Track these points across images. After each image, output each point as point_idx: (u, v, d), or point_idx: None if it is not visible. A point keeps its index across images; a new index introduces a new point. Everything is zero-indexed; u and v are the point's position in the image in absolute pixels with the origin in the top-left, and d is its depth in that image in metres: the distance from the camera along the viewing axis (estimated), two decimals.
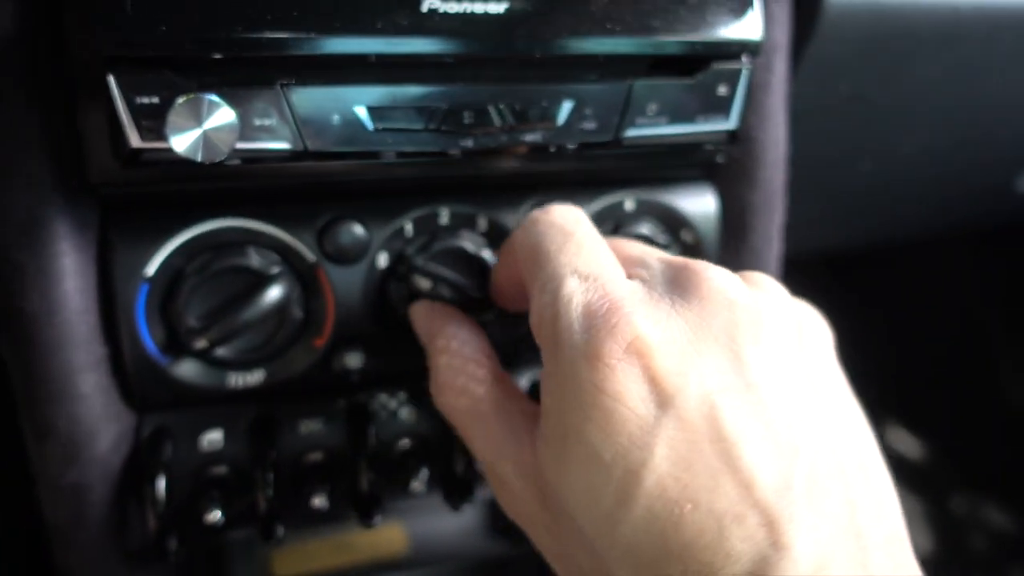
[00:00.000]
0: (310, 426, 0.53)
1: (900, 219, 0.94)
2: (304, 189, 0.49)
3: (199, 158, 0.39)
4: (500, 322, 0.54)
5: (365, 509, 0.52)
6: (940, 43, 0.61)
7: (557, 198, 0.53)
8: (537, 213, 0.42)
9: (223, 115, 0.40)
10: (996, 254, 1.26)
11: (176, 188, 0.46)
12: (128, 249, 0.46)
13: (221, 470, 0.51)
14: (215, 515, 0.49)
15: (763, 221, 0.57)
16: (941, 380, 1.47)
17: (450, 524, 0.99)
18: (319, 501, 0.51)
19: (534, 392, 0.56)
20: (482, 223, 0.52)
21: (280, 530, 0.50)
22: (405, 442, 0.55)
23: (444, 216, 0.51)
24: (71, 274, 0.45)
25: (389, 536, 0.98)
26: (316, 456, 0.53)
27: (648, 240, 0.55)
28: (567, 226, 0.40)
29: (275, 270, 0.48)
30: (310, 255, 0.49)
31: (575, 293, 0.36)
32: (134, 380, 0.48)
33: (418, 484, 0.52)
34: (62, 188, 0.44)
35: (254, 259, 0.48)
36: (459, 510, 0.55)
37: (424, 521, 0.99)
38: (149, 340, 0.48)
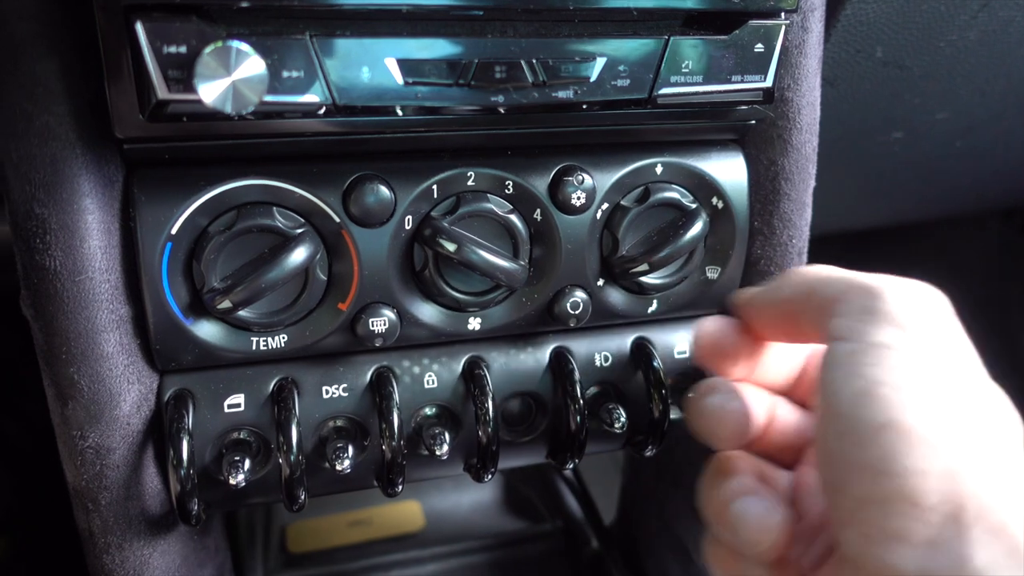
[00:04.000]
0: (333, 391, 0.52)
1: (931, 195, 0.92)
2: (330, 149, 0.48)
3: (228, 109, 0.38)
4: (531, 289, 0.53)
5: (388, 477, 0.51)
6: (977, 7, 0.59)
7: (586, 162, 0.52)
8: None
9: (252, 65, 0.39)
10: (1020, 230, 1.24)
11: (202, 145, 0.45)
12: (152, 206, 0.45)
13: (244, 434, 0.51)
14: (238, 478, 0.48)
15: (796, 187, 0.56)
16: None
17: (466, 501, 0.99)
18: (341, 467, 0.50)
19: (552, 360, 0.55)
20: (509, 186, 0.51)
21: (303, 495, 0.49)
22: (429, 409, 0.54)
23: (471, 179, 0.50)
24: (95, 231, 0.44)
25: (406, 512, 0.98)
26: (339, 422, 0.53)
27: (677, 205, 0.53)
28: None
29: (300, 231, 0.47)
30: (335, 216, 0.48)
31: None
32: (157, 340, 0.47)
33: (441, 452, 0.51)
34: (86, 143, 0.43)
35: (279, 219, 0.47)
36: (482, 481, 0.54)
37: (441, 498, 0.99)
38: (172, 300, 0.47)
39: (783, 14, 0.47)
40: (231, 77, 0.38)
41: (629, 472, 0.81)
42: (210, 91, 0.38)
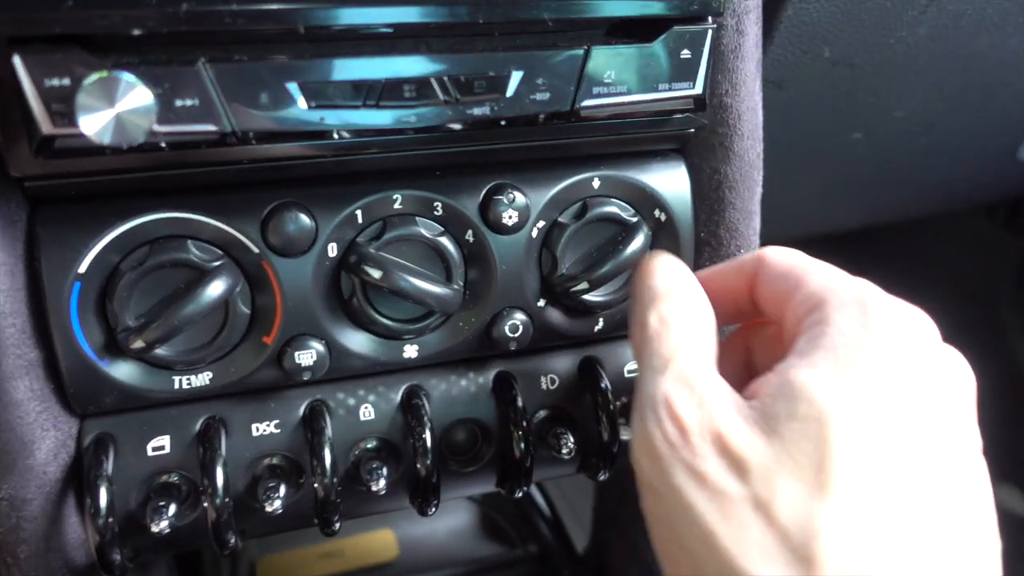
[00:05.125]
0: (264, 428, 0.50)
1: (900, 195, 0.90)
2: (245, 177, 0.46)
3: (108, 141, 0.36)
4: (467, 313, 0.51)
5: (323, 516, 0.49)
6: (926, 2, 0.57)
7: (518, 179, 0.50)
8: None
9: (139, 96, 0.37)
10: (1003, 226, 1.22)
11: (108, 180, 0.43)
12: (57, 245, 0.44)
13: (171, 478, 0.49)
14: (161, 525, 0.46)
15: (741, 196, 0.54)
16: None
17: (441, 528, 0.97)
18: (272, 508, 0.48)
19: (495, 386, 0.53)
20: (438, 208, 0.49)
21: (233, 539, 0.47)
22: (369, 442, 0.52)
23: (397, 202, 0.48)
24: None
25: (379, 541, 0.96)
26: (274, 460, 0.51)
27: (616, 219, 0.51)
28: None
29: (216, 264, 0.45)
30: (254, 247, 0.46)
31: None
32: (70, 384, 0.45)
33: (378, 488, 0.49)
34: None
35: (194, 252, 0.45)
36: (426, 515, 0.52)
37: (415, 525, 0.96)
38: (84, 341, 0.45)
39: (710, 18, 0.46)
40: (115, 109, 0.36)
41: (597, 496, 0.78)
42: (91, 123, 0.36)
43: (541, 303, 0.52)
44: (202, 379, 0.48)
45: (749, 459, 0.31)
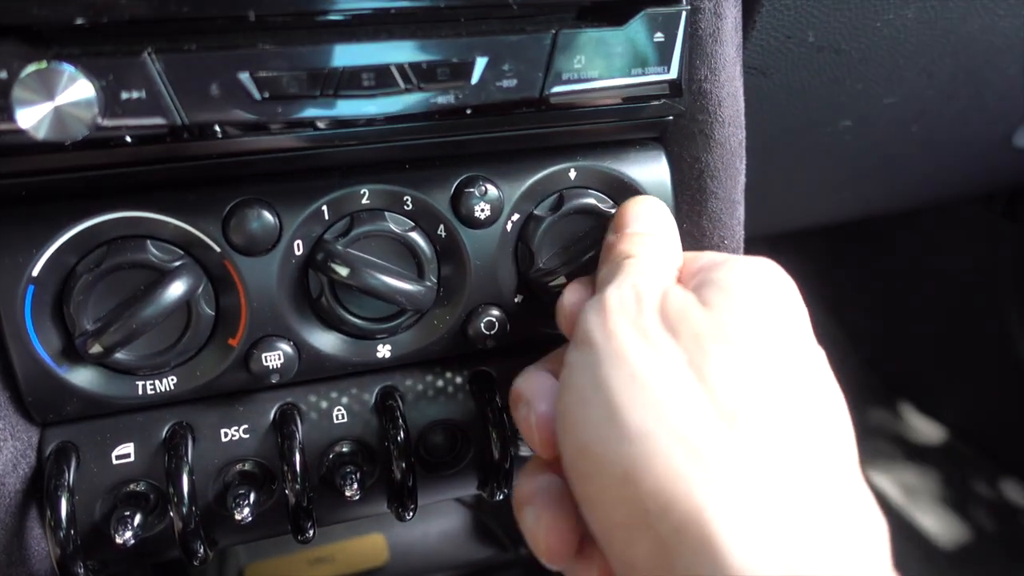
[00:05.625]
0: (233, 434, 0.48)
1: (893, 184, 0.88)
2: (205, 173, 0.44)
3: (46, 136, 0.34)
4: (441, 311, 0.49)
5: (297, 523, 0.47)
6: None
7: (491, 171, 0.48)
8: None
9: (80, 88, 0.35)
10: (1002, 215, 1.20)
11: (57, 179, 0.42)
12: (8, 248, 0.42)
13: (137, 487, 0.47)
14: (125, 536, 0.44)
15: (723, 185, 0.52)
16: (953, 356, 1.41)
17: (433, 531, 0.95)
18: (241, 516, 0.46)
19: (473, 385, 0.52)
20: (408, 202, 0.47)
21: (202, 549, 0.45)
22: (345, 446, 0.50)
23: (365, 196, 0.47)
24: None
25: (370, 546, 0.94)
26: (246, 466, 0.49)
27: (594, 211, 0.50)
28: None
29: (176, 264, 0.44)
30: (216, 246, 0.44)
31: None
32: (28, 392, 0.44)
33: (351, 493, 0.47)
34: None
35: (153, 253, 0.44)
36: (404, 520, 0.50)
37: (406, 529, 0.95)
38: (40, 347, 0.43)
39: (684, 0, 0.44)
40: (54, 102, 0.35)
41: None
42: (28, 117, 0.34)
43: (518, 299, 0.51)
44: (166, 384, 0.46)
45: (687, 322, 0.35)
